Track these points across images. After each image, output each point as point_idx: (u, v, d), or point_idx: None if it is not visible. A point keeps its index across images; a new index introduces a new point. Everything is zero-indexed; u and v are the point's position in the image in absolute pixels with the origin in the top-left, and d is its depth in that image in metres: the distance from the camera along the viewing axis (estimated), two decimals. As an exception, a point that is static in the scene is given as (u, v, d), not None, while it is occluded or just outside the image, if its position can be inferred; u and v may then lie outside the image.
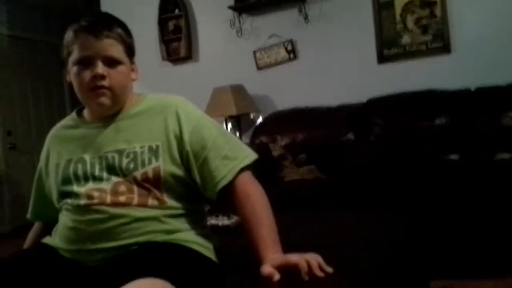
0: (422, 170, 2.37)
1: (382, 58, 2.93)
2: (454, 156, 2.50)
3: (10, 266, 1.15)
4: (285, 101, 3.06)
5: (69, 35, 1.19)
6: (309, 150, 2.73)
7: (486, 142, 2.46)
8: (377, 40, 2.93)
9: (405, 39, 2.87)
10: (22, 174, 5.05)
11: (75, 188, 1.18)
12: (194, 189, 1.22)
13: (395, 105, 2.72)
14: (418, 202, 2.14)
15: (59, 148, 1.28)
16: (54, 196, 1.25)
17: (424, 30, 2.82)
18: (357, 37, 2.98)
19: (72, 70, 1.19)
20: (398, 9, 2.87)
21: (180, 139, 1.19)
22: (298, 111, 2.94)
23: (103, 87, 1.17)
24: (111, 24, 1.18)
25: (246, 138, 3.10)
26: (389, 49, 2.92)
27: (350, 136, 2.70)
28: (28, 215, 1.42)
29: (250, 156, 1.24)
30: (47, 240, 1.25)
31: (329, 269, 1.04)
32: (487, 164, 2.42)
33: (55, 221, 1.26)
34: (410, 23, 2.85)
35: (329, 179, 2.55)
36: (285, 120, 2.94)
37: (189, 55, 3.45)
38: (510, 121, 2.47)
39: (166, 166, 1.17)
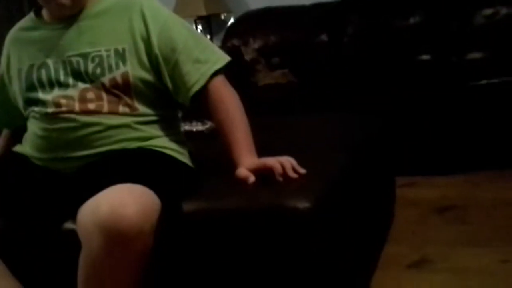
0: (395, 71, 2.38)
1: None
2: (426, 56, 2.51)
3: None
4: (258, 0, 2.92)
5: None
6: (282, 53, 2.68)
7: (458, 41, 2.47)
8: None
9: None
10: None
11: (41, 95, 1.14)
12: (166, 95, 1.18)
13: (370, 4, 2.65)
14: (391, 103, 2.17)
15: (20, 52, 1.21)
16: (20, 103, 1.21)
17: None
18: None
19: None
20: None
21: (147, 41, 1.13)
22: (271, 11, 2.84)
23: None
24: None
25: (217, 41, 3.01)
26: None
27: (324, 37, 2.65)
28: (-6, 123, 1.37)
29: (223, 59, 1.19)
30: (18, 148, 1.23)
31: (302, 171, 1.08)
32: (459, 63, 2.45)
33: (23, 128, 1.23)
34: None
35: (303, 82, 2.54)
36: (258, 21, 2.85)
37: None
38: (482, 19, 2.46)
39: (135, 71, 1.12)
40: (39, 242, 1.13)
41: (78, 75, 1.12)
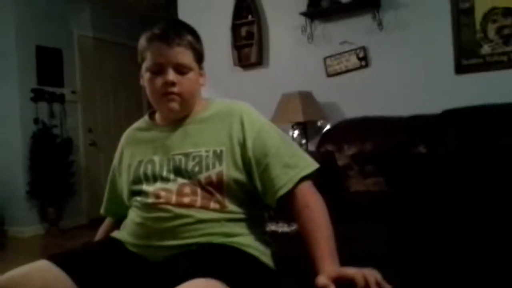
0: (497, 195, 2.21)
1: (460, 68, 2.80)
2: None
3: (80, 256, 1.23)
4: (354, 109, 3.01)
5: (142, 42, 1.26)
6: (376, 161, 2.65)
7: None
8: (455, 49, 2.80)
9: (485, 49, 2.71)
10: (100, 170, 5.38)
11: (145, 187, 1.25)
12: (254, 195, 1.24)
13: (473, 118, 2.56)
14: (492, 226, 2.00)
15: (132, 150, 1.36)
16: (125, 194, 1.33)
17: (506, 40, 2.66)
18: (434, 45, 2.86)
19: (145, 75, 1.26)
20: (478, 17, 2.72)
21: (243, 146, 1.22)
22: (367, 120, 2.86)
23: (173, 93, 1.23)
24: (182, 32, 1.24)
25: (312, 146, 3.09)
26: (467, 59, 2.77)
27: (422, 149, 2.59)
28: (101, 211, 1.52)
29: (311, 165, 1.24)
30: (115, 234, 1.34)
31: (388, 287, 1.02)
32: None
33: (124, 217, 1.34)
34: (491, 32, 2.70)
35: (396, 192, 2.47)
36: (353, 129, 2.88)
37: (260, 61, 3.50)
38: None
39: (229, 171, 1.20)
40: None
41: (179, 172, 1.22)
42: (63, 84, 5.11)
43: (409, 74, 2.94)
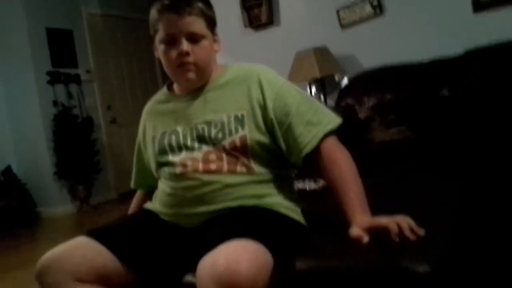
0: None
1: (478, 6, 2.69)
2: None
3: (117, 229, 1.27)
4: (372, 60, 2.94)
5: (153, 13, 1.24)
6: (398, 109, 2.61)
7: None
8: (471, -14, 2.68)
9: (505, -18, 2.59)
10: (122, 145, 5.46)
11: (171, 157, 1.26)
12: (280, 155, 1.24)
13: (496, 57, 2.48)
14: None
15: (154, 122, 1.37)
16: (153, 166, 1.35)
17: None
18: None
19: (159, 48, 1.25)
20: (495, -50, 2.59)
21: (264, 107, 1.22)
22: (386, 69, 2.80)
23: (188, 63, 1.22)
24: (192, 0, 1.21)
25: (331, 101, 3.06)
26: (485, -6, 2.66)
27: (444, 92, 2.52)
28: (132, 184, 1.55)
29: (334, 120, 1.23)
30: (148, 205, 1.37)
31: (421, 231, 1.02)
32: None
33: (154, 188, 1.37)
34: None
35: (420, 139, 2.44)
36: (372, 80, 2.83)
37: (271, 20, 3.43)
38: None
39: (252, 134, 1.20)
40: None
41: (203, 140, 1.23)
42: (77, 64, 5.13)
43: (426, 17, 2.85)
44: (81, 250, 1.15)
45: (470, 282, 1.13)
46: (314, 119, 1.21)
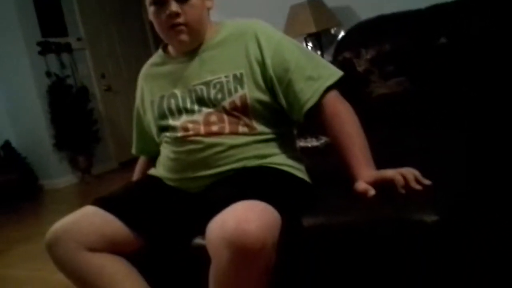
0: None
1: None
2: None
3: (123, 196, 1.27)
4: (369, 10, 2.86)
5: None
6: (397, 61, 2.57)
7: None
8: None
9: None
10: (119, 113, 5.42)
11: (171, 121, 1.25)
12: (281, 113, 1.23)
13: (493, 2, 2.42)
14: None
15: (151, 86, 1.34)
16: (154, 131, 1.33)
17: None
18: None
19: (149, 10, 1.21)
20: None
21: (262, 64, 1.19)
22: (383, 19, 2.73)
23: (179, 24, 1.18)
24: None
25: (328, 56, 3.00)
26: None
27: (443, 39, 2.47)
28: (133, 151, 1.54)
29: (335, 74, 1.20)
30: (152, 171, 1.36)
31: (427, 182, 1.02)
32: None
33: (157, 153, 1.36)
34: None
35: (420, 90, 2.41)
36: (369, 31, 2.76)
37: (262, -26, 3.32)
38: None
39: (252, 93, 1.18)
40: (172, 257, 1.22)
41: (202, 101, 1.21)
42: (67, 33, 5.01)
43: (422, -38, 2.75)
44: (90, 220, 1.16)
45: (478, 232, 1.13)
46: (315, 74, 1.18)
